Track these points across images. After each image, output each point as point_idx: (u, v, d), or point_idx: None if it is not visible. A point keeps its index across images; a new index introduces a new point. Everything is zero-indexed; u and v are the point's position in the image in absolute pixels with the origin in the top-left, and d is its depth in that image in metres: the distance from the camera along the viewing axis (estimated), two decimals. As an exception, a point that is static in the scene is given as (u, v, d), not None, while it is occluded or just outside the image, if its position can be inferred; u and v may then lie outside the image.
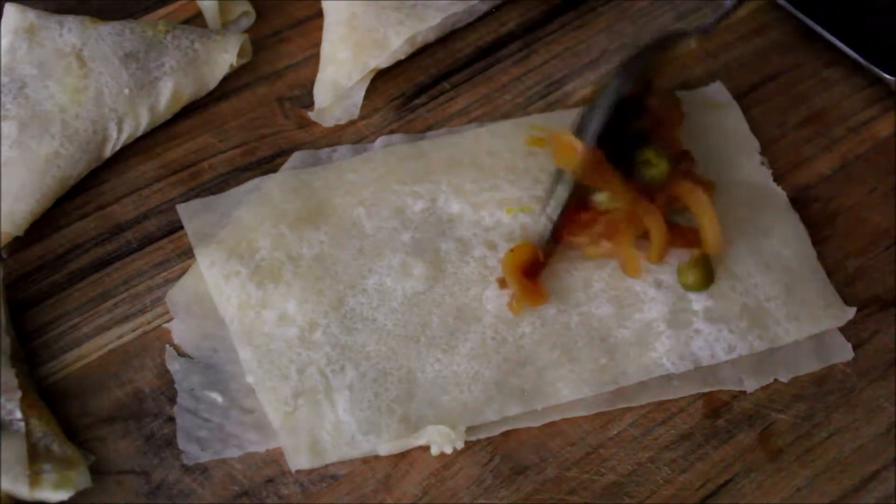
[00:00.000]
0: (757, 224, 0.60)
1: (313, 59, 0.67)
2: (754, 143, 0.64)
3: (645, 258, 0.57)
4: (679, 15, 0.70)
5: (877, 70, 0.65)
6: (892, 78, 0.65)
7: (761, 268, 0.58)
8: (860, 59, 0.66)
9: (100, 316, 0.57)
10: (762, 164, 0.63)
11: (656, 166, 0.56)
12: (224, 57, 0.64)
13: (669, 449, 0.54)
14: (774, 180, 0.62)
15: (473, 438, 0.54)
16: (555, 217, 0.56)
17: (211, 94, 0.65)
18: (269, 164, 0.63)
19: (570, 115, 0.64)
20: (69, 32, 0.61)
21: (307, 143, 0.64)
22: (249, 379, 0.54)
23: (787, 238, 0.60)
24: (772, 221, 0.60)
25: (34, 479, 0.49)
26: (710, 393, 0.55)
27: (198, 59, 0.63)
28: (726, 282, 0.57)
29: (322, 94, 0.65)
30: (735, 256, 0.58)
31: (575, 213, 0.57)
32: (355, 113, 0.65)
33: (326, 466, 0.53)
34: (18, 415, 0.50)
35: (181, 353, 0.56)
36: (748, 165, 0.63)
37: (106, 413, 0.54)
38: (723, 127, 0.64)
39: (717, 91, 0.66)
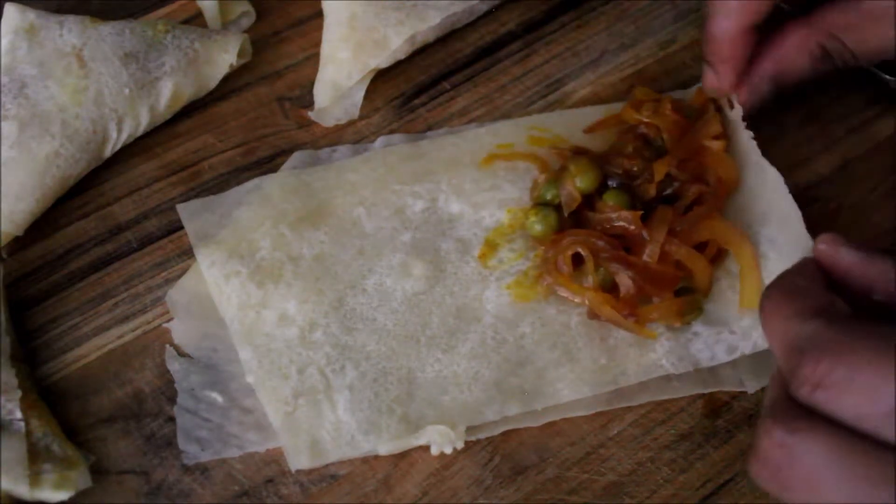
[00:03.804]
0: (754, 212, 0.59)
1: (313, 59, 0.67)
2: (749, 136, 0.62)
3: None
4: (679, 14, 0.70)
5: (876, 71, 0.65)
6: (892, 78, 0.65)
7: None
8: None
9: (100, 316, 0.57)
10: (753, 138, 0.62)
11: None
12: (224, 57, 0.64)
13: (669, 449, 0.54)
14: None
15: (473, 438, 0.54)
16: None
17: (211, 94, 0.65)
18: (269, 164, 0.63)
19: (571, 116, 0.64)
20: (69, 32, 0.61)
21: (307, 143, 0.64)
22: (249, 379, 0.54)
23: (781, 223, 0.59)
24: (766, 207, 0.59)
25: (34, 479, 0.49)
26: (711, 393, 0.55)
27: (198, 59, 0.63)
28: (725, 281, 0.57)
29: (322, 94, 0.65)
30: (734, 256, 0.58)
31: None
32: (355, 113, 0.65)
33: (326, 466, 0.53)
34: (18, 415, 0.50)
35: (181, 353, 0.56)
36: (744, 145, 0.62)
37: (106, 413, 0.54)
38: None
39: None
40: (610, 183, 0.58)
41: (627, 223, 0.56)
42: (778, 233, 0.57)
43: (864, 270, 0.43)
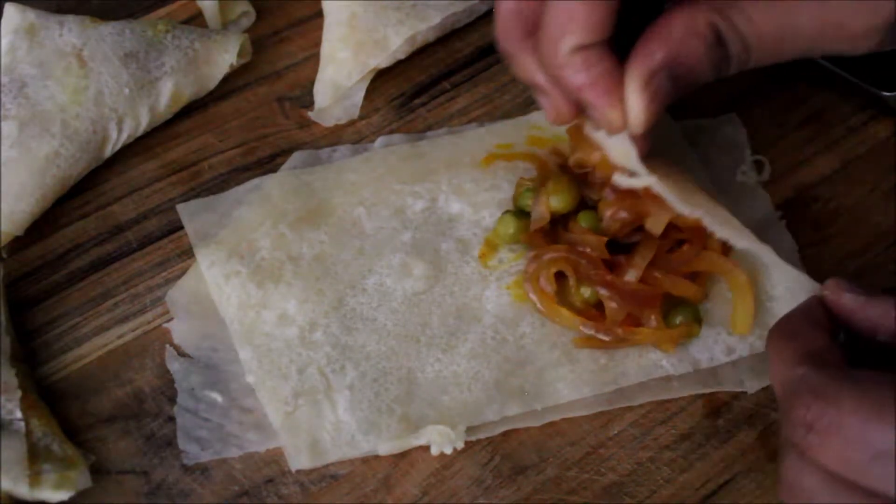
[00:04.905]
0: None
1: (313, 59, 0.67)
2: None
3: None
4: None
5: (871, 89, 0.64)
6: (889, 94, 0.64)
7: (759, 267, 0.58)
8: (853, 79, 0.65)
9: (100, 316, 0.57)
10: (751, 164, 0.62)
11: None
12: (224, 57, 0.64)
13: (669, 449, 0.54)
14: (773, 180, 0.62)
15: (473, 438, 0.53)
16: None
17: (211, 94, 0.65)
18: (269, 164, 0.63)
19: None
20: (69, 32, 0.61)
21: (307, 143, 0.64)
22: (249, 379, 0.54)
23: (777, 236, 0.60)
24: (762, 225, 0.60)
25: (34, 479, 0.49)
26: (711, 393, 0.55)
27: (198, 58, 0.63)
28: (725, 284, 0.57)
29: (322, 94, 0.65)
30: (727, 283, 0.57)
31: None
32: (355, 113, 0.65)
33: (326, 466, 0.53)
34: (18, 415, 0.50)
35: (181, 353, 0.56)
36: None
37: (106, 413, 0.54)
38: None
39: None
40: (589, 202, 0.56)
41: (591, 248, 0.55)
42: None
43: (866, 313, 0.45)
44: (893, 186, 0.63)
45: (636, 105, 0.46)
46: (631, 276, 0.54)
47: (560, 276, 0.56)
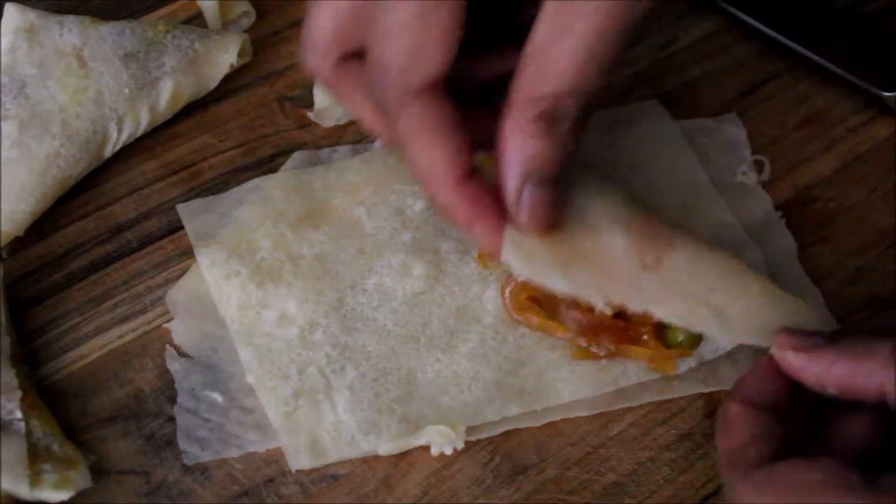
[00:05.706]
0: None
1: (313, 59, 0.67)
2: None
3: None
4: (679, 15, 0.70)
5: (871, 88, 0.64)
6: (890, 94, 0.64)
7: (760, 270, 0.58)
8: (853, 79, 0.65)
9: (100, 316, 0.57)
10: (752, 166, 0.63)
11: None
12: (224, 57, 0.64)
13: (670, 449, 0.54)
14: (773, 180, 0.62)
15: (473, 438, 0.53)
16: None
17: (211, 94, 0.65)
18: (269, 164, 0.63)
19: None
20: (69, 32, 0.61)
21: (307, 143, 0.64)
22: (249, 379, 0.54)
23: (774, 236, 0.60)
24: (762, 225, 0.60)
25: (34, 479, 0.49)
26: (711, 393, 0.55)
27: (198, 58, 0.63)
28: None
29: (322, 94, 0.65)
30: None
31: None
32: (355, 113, 0.65)
33: (326, 466, 0.53)
34: (18, 415, 0.50)
35: (181, 353, 0.56)
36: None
37: (106, 413, 0.54)
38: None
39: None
40: None
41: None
42: (728, 302, 0.51)
43: (811, 370, 0.46)
44: (893, 186, 0.63)
45: (525, 221, 0.47)
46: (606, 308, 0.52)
47: None
